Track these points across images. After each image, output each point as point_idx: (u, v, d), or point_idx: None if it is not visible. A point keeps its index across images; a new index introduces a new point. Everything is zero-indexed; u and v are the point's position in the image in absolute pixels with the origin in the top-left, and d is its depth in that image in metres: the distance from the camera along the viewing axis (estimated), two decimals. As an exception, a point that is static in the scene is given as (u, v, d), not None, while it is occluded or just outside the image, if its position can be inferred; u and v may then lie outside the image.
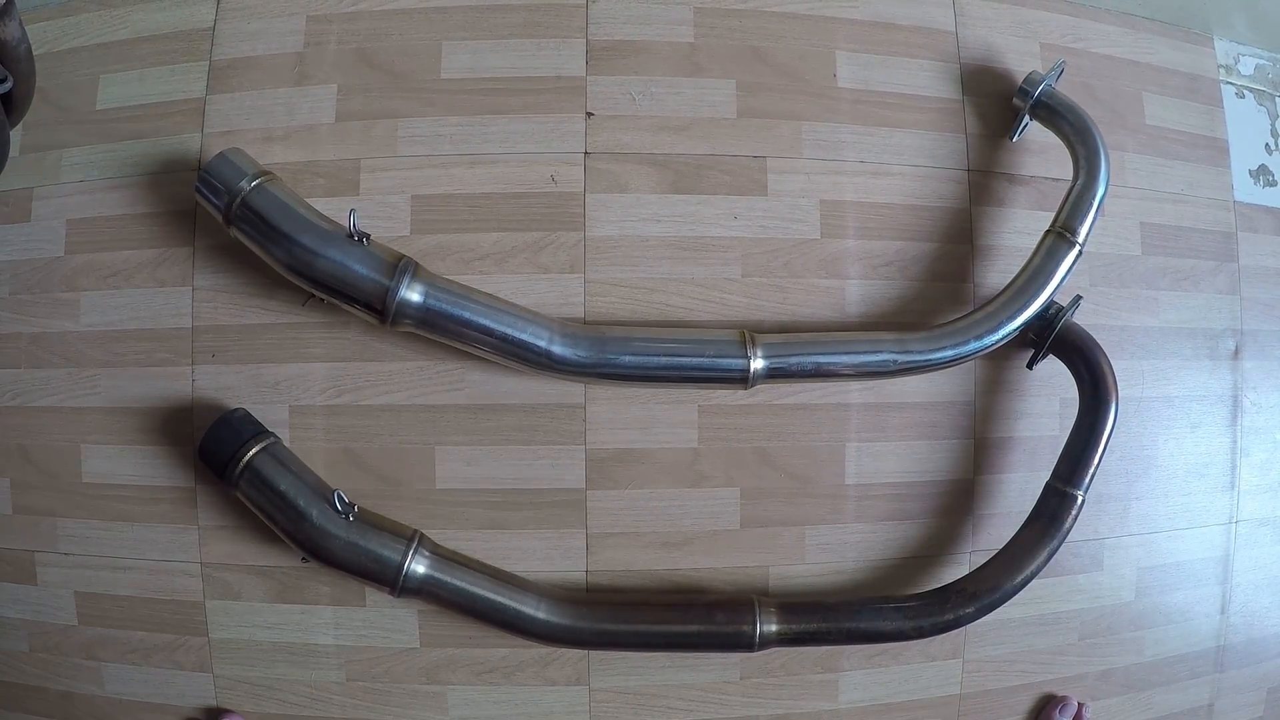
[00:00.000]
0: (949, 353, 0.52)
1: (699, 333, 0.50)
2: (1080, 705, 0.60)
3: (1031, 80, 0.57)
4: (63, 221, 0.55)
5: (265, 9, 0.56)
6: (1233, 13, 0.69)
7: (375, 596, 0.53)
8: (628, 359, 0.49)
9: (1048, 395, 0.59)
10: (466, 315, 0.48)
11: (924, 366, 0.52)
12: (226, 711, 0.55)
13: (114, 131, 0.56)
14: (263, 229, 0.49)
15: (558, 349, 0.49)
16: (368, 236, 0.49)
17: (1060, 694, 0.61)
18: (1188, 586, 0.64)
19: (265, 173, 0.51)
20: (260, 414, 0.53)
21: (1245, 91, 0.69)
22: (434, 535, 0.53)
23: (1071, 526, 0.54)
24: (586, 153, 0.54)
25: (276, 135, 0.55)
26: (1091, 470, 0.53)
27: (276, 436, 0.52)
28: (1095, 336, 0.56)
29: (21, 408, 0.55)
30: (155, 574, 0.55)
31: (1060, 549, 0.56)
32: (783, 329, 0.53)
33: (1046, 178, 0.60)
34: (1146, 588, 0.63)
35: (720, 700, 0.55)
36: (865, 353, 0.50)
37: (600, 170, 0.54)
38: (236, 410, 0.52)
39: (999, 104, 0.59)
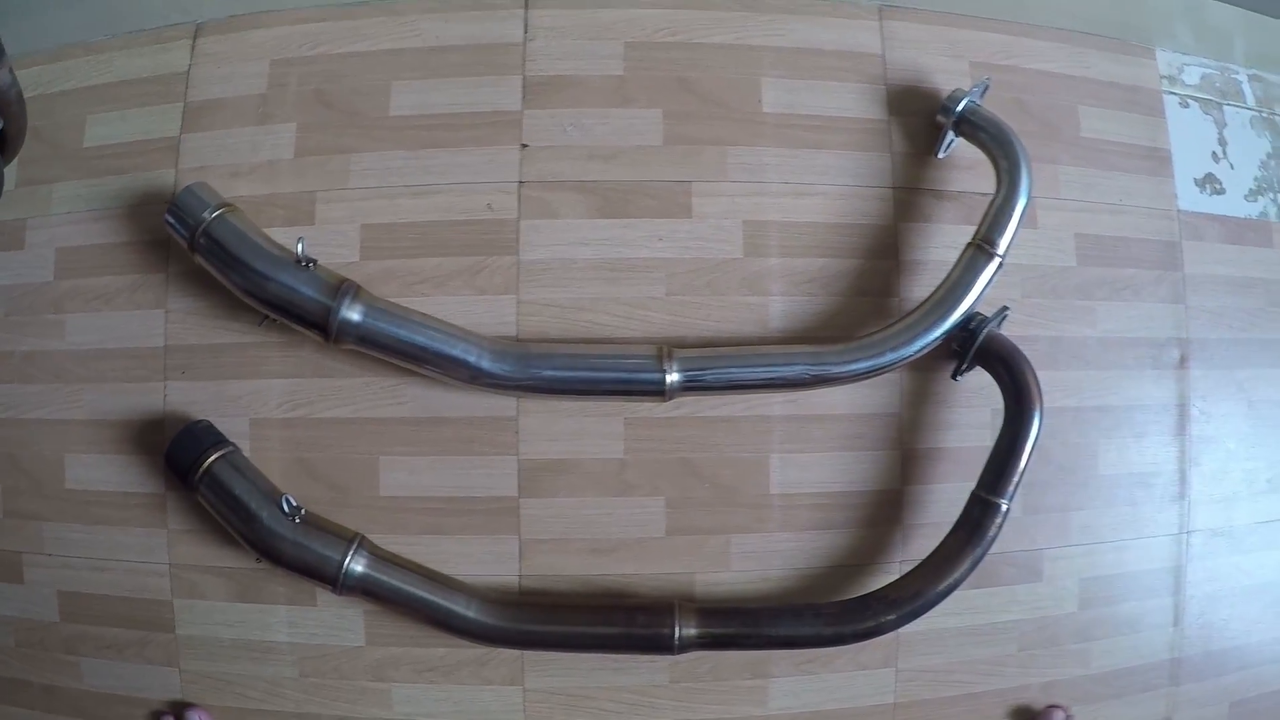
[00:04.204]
0: (865, 364, 0.54)
1: (619, 348, 0.53)
2: (1068, 717, 0.60)
3: (954, 97, 0.58)
4: (53, 250, 0.61)
5: (234, 54, 0.62)
6: (1175, 23, 0.69)
7: (326, 597, 0.57)
8: (550, 373, 0.52)
9: (979, 406, 0.60)
10: (402, 333, 0.52)
11: (840, 378, 0.54)
12: (190, 705, 0.59)
13: (99, 167, 0.62)
14: (221, 256, 0.54)
15: (486, 364, 0.52)
16: (314, 262, 0.53)
17: (1047, 705, 0.60)
18: (1136, 598, 0.64)
19: (226, 204, 0.56)
20: (223, 426, 0.57)
21: (1190, 101, 0.69)
22: (378, 539, 0.56)
23: (996, 535, 0.54)
24: (521, 182, 0.58)
25: (242, 170, 0.59)
26: (1015, 479, 0.54)
27: (235, 446, 0.56)
28: (1028, 347, 0.57)
29: (13, 420, 0.60)
30: (129, 574, 0.59)
31: (995, 559, 0.57)
32: (705, 344, 0.56)
33: (975, 192, 0.61)
34: (1091, 599, 0.63)
35: (650, 703, 0.57)
36: (779, 365, 0.52)
37: (533, 198, 0.57)
38: (200, 421, 0.57)
39: (925, 123, 0.61)
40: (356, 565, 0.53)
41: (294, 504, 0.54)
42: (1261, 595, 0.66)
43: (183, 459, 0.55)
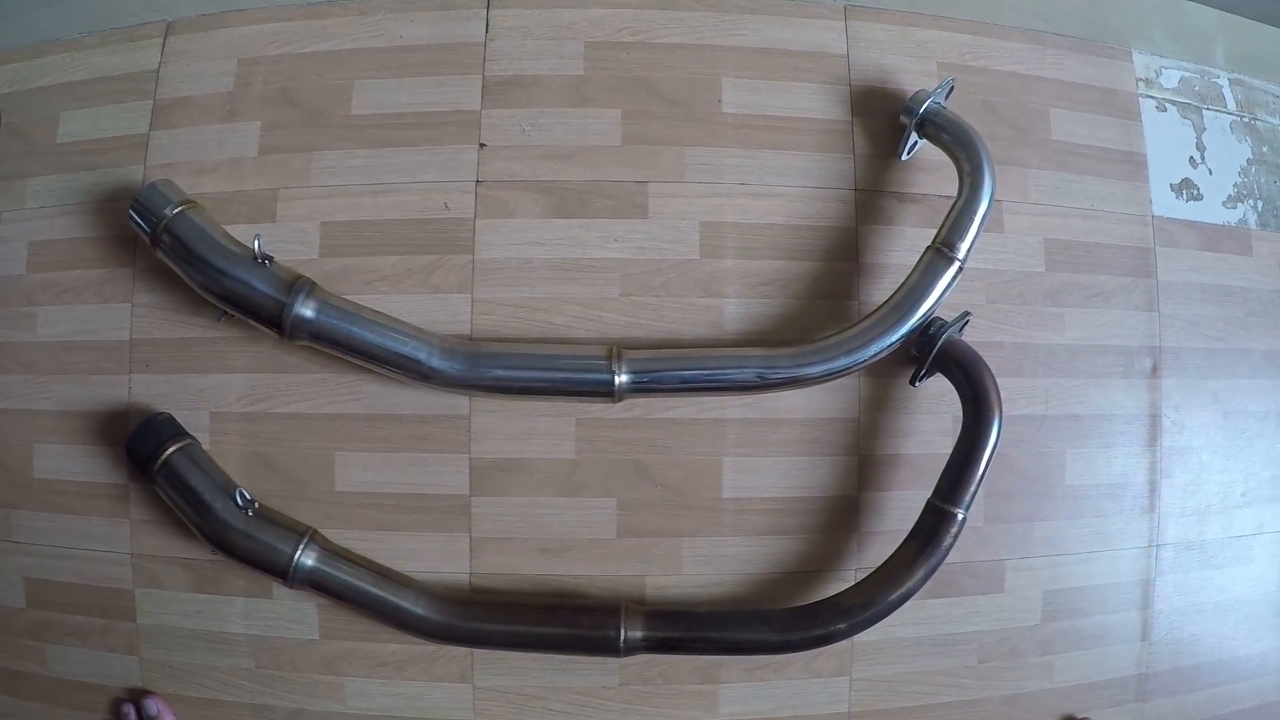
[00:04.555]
0: (818, 369, 0.53)
1: (570, 348, 0.53)
2: None
3: (917, 98, 0.58)
4: (25, 244, 0.62)
5: (203, 52, 0.63)
6: (1152, 25, 0.67)
7: (281, 590, 0.57)
8: (500, 372, 0.52)
9: (940, 413, 0.59)
10: (354, 330, 0.53)
11: (792, 382, 0.53)
12: (149, 692, 0.60)
13: (71, 163, 0.63)
14: (181, 252, 0.54)
15: (436, 363, 0.52)
16: (271, 258, 0.54)
17: (1076, 718, 0.59)
18: (1102, 612, 0.62)
19: (189, 201, 0.56)
20: (185, 419, 0.58)
21: (1167, 105, 0.67)
22: (332, 534, 0.57)
23: (952, 545, 0.53)
24: (479, 181, 0.58)
25: (208, 167, 0.60)
26: (972, 488, 0.53)
27: (194, 439, 0.57)
28: (993, 354, 0.56)
29: (-15, 410, 0.62)
30: (93, 563, 0.60)
31: (955, 568, 0.57)
32: (659, 346, 0.55)
33: (938, 195, 0.60)
34: (1055, 611, 0.61)
35: (599, 705, 0.57)
36: (730, 368, 0.52)
37: (490, 197, 0.57)
38: (160, 414, 0.58)
39: (889, 124, 0.60)
40: (307, 559, 0.53)
41: (248, 497, 0.54)
42: (1234, 611, 0.65)
43: (142, 451, 0.56)
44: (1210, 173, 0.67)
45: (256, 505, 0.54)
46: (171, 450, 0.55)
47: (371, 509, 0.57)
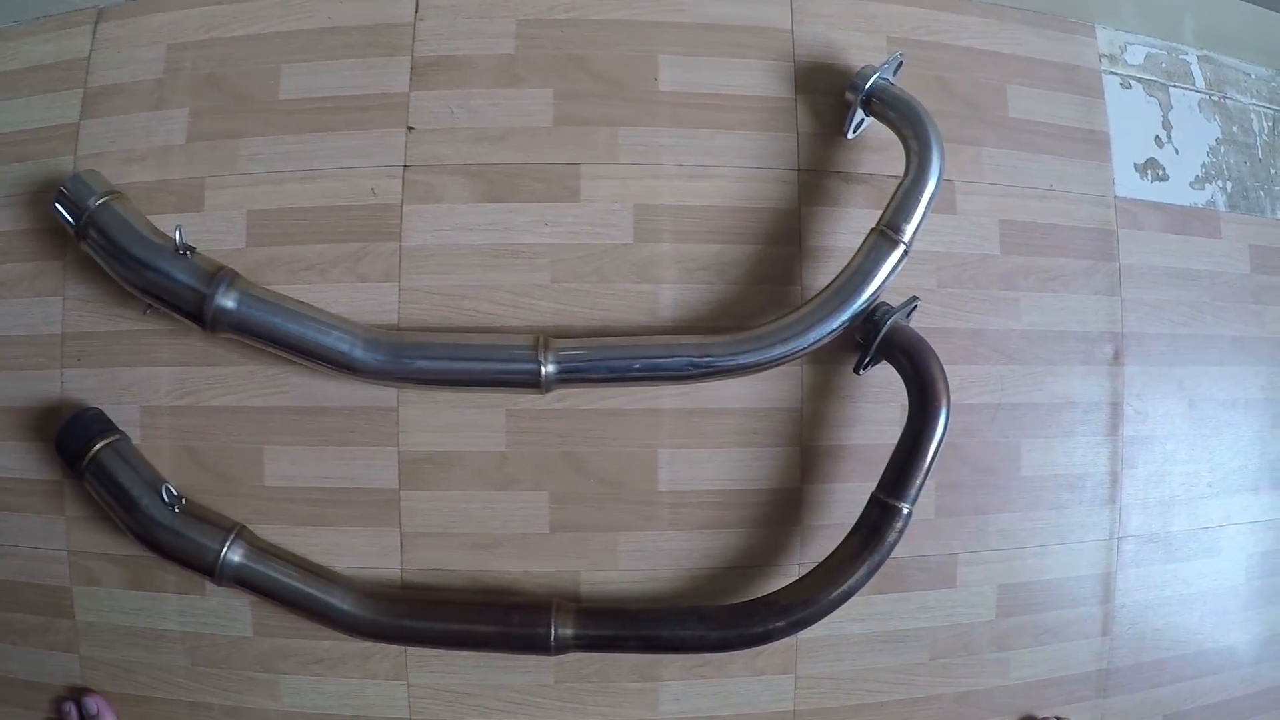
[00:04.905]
0: (753, 357, 0.51)
1: (495, 338, 0.51)
2: None
3: (863, 73, 0.55)
4: (-42, 238, 0.62)
5: (132, 38, 0.61)
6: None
7: (214, 586, 0.56)
8: (423, 364, 0.50)
9: (887, 402, 0.57)
10: (276, 321, 0.51)
11: (727, 371, 0.51)
12: (89, 691, 0.60)
13: (3, 154, 0.62)
14: (103, 244, 0.53)
15: (359, 354, 0.51)
16: (192, 249, 0.53)
17: (1039, 715, 0.58)
18: (1060, 606, 0.60)
19: (113, 192, 0.55)
20: (115, 414, 0.57)
21: (1132, 82, 0.64)
22: (263, 530, 0.56)
23: (897, 540, 0.51)
24: (405, 165, 0.56)
25: (136, 156, 0.59)
26: (918, 481, 0.51)
27: (123, 434, 0.56)
28: (944, 340, 0.54)
29: (-82, 406, 0.61)
30: (31, 560, 0.59)
31: (905, 563, 0.55)
32: (591, 334, 0.53)
33: (886, 175, 0.58)
34: (1011, 606, 0.59)
35: (536, 703, 0.56)
36: (661, 357, 0.50)
37: (417, 182, 0.56)
38: (89, 409, 0.57)
39: (835, 102, 0.57)
40: (234, 555, 0.52)
41: (174, 493, 0.53)
42: (1200, 605, 0.62)
43: (70, 447, 0.55)
44: (1177, 152, 0.64)
45: (183, 501, 0.53)
46: (100, 446, 0.54)
47: (302, 504, 0.56)
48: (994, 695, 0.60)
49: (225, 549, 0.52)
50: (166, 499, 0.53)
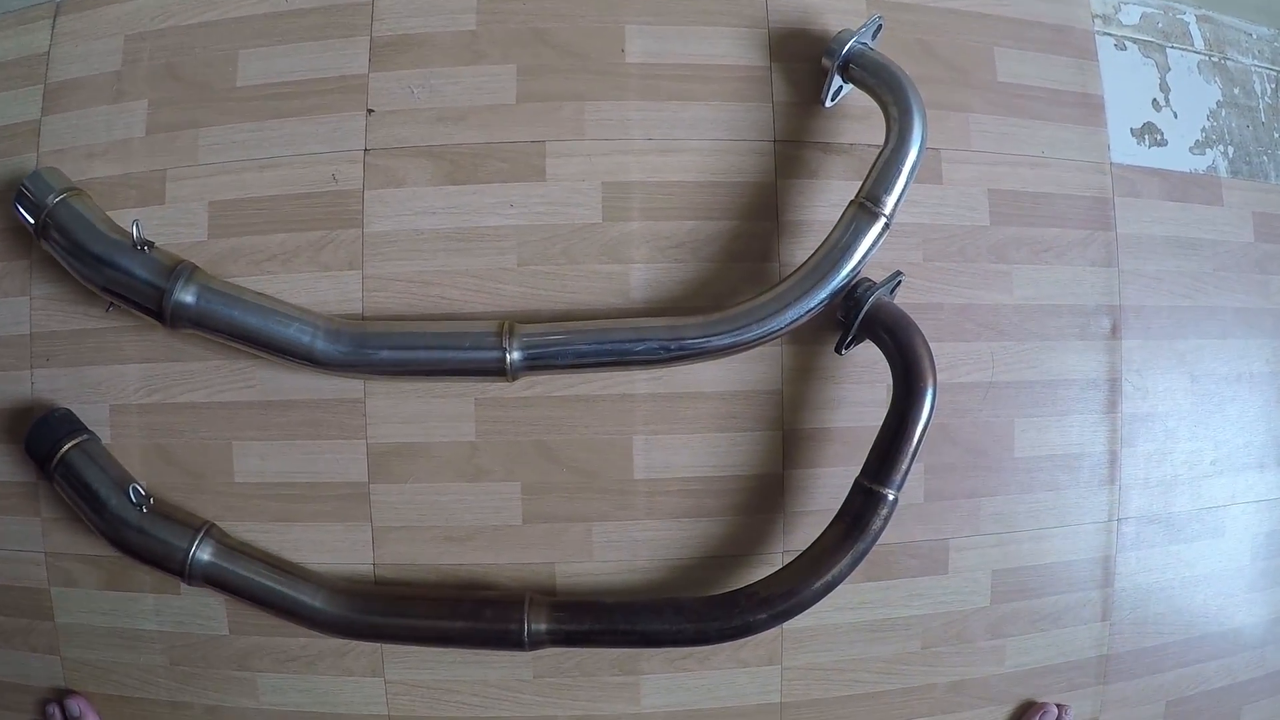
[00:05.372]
0: (728, 339, 0.49)
1: (459, 325, 0.49)
2: (1061, 709, 0.56)
3: (839, 39, 0.52)
4: (-77, 239, 0.61)
5: (90, 31, 0.60)
6: (1112, -49, 0.61)
7: (189, 585, 0.56)
8: (386, 354, 0.49)
9: (873, 382, 0.55)
10: (236, 314, 0.50)
11: (700, 354, 0.49)
12: (72, 692, 0.59)
13: (-35, 155, 0.62)
14: (63, 242, 0.52)
15: (321, 345, 0.49)
16: (151, 245, 0.52)
17: (1039, 700, 0.56)
18: (1058, 591, 0.58)
19: (72, 189, 0.54)
20: (84, 413, 0.56)
21: (1127, 43, 0.61)
22: (232, 527, 0.55)
23: (883, 527, 0.49)
24: (366, 149, 0.54)
25: (97, 151, 0.57)
26: (904, 466, 0.49)
27: (92, 434, 0.55)
28: (931, 316, 0.52)
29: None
30: (8, 562, 0.59)
31: (894, 549, 0.53)
32: (560, 318, 0.52)
33: (867, 144, 0.55)
34: (1006, 592, 0.57)
35: (514, 698, 0.55)
36: (630, 341, 0.48)
37: (378, 166, 0.54)
38: (58, 410, 0.56)
39: (812, 69, 0.55)
40: (203, 554, 0.51)
41: (142, 492, 0.52)
42: (1203, 587, 0.60)
43: (39, 449, 0.54)
44: (1175, 116, 0.61)
45: (151, 501, 0.52)
46: (68, 447, 0.53)
47: (272, 500, 0.55)
48: (989, 684, 0.58)
49: (194, 548, 0.51)
50: (134, 499, 0.52)
